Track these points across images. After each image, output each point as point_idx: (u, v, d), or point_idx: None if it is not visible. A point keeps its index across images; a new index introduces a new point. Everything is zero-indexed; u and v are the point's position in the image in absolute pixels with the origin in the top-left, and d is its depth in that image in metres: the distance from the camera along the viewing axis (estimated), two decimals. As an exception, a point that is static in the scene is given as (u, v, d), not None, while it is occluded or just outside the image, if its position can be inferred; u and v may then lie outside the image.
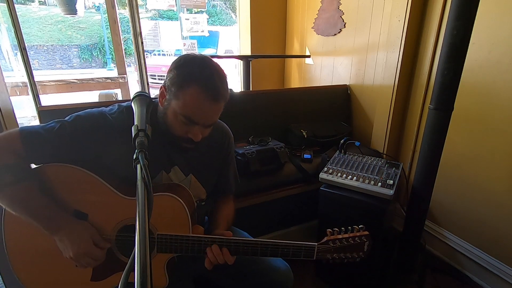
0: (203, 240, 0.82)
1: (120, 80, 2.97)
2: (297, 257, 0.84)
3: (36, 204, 0.78)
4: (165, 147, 0.88)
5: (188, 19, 3.00)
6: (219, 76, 0.81)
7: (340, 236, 0.85)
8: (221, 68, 0.83)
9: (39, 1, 10.89)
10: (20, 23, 1.65)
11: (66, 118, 0.84)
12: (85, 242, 0.78)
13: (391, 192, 1.24)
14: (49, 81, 2.80)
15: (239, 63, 2.52)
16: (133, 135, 0.57)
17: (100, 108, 0.88)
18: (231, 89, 1.75)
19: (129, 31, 2.27)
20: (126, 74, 2.97)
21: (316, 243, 0.84)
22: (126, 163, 0.83)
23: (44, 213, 0.78)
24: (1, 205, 0.79)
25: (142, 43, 2.13)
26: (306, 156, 1.71)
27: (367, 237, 0.86)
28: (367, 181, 1.32)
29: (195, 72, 0.78)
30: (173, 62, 0.83)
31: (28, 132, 0.79)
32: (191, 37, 3.08)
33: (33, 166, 0.83)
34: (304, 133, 1.83)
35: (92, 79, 3.04)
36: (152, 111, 0.90)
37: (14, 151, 0.77)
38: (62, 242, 0.78)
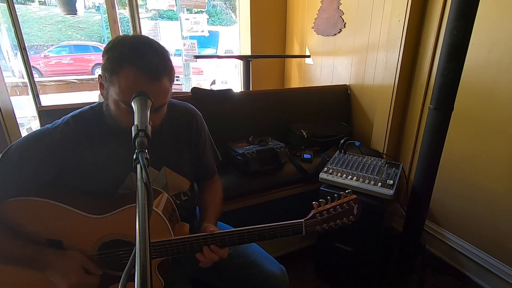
0: (187, 241, 0.80)
1: (120, 80, 2.96)
2: (286, 236, 0.83)
3: (11, 249, 0.74)
4: (124, 146, 0.71)
5: (188, 19, 3.00)
6: (156, 52, 0.73)
7: (327, 206, 0.84)
8: (159, 44, 0.75)
9: (39, 1, 10.89)
10: (20, 23, 1.65)
11: (7, 150, 0.76)
12: (75, 274, 0.75)
13: (391, 192, 1.24)
14: (49, 81, 2.81)
15: (239, 63, 2.52)
16: (133, 135, 0.56)
17: (41, 128, 0.81)
18: (231, 89, 1.77)
19: (129, 31, 2.27)
20: (126, 74, 2.96)
21: (303, 219, 0.83)
22: (87, 173, 0.81)
23: (24, 256, 0.74)
24: None
25: (142, 43, 2.12)
26: (306, 156, 1.71)
27: (356, 201, 0.85)
28: (367, 181, 1.32)
29: (126, 51, 0.70)
30: (104, 47, 0.75)
31: None
32: (191, 37, 3.08)
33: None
34: (304, 133, 1.83)
35: (92, 79, 3.04)
36: (97, 109, 0.84)
37: None
38: (53, 277, 0.76)
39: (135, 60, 0.70)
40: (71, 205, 0.78)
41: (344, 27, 2.14)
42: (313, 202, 0.85)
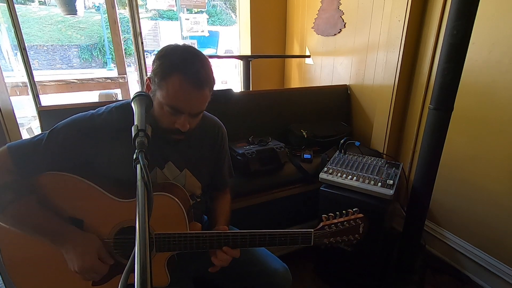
0: (201, 236, 0.82)
1: (120, 80, 2.97)
2: (295, 244, 0.85)
3: (40, 219, 0.78)
4: (157, 143, 0.85)
5: (188, 19, 3.00)
6: (202, 63, 0.80)
7: (335, 221, 0.87)
8: (204, 56, 0.83)
9: (39, 1, 10.88)
10: (20, 23, 1.65)
11: (54, 127, 0.83)
12: (90, 257, 0.78)
13: (391, 192, 1.24)
14: (49, 81, 2.81)
15: (239, 63, 2.52)
16: (133, 135, 0.57)
17: (87, 112, 0.87)
18: (231, 89, 1.77)
19: (129, 31, 2.27)
20: (126, 74, 2.97)
21: (312, 229, 0.85)
22: (119, 162, 0.85)
23: (49, 227, 0.78)
24: (6, 225, 0.78)
25: (142, 43, 2.13)
26: (306, 156, 1.71)
27: (362, 219, 0.87)
28: (367, 181, 1.32)
29: (176, 60, 0.78)
30: (156, 53, 0.82)
31: (16, 148, 0.79)
32: (191, 37, 3.09)
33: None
34: (304, 133, 1.83)
35: (92, 79, 3.04)
36: None
37: (7, 169, 0.77)
38: (68, 255, 0.78)
39: (184, 69, 0.77)
40: (100, 186, 0.81)
41: (344, 27, 2.14)
42: (323, 215, 0.88)
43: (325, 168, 1.43)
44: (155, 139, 0.62)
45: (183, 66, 0.77)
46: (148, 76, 0.83)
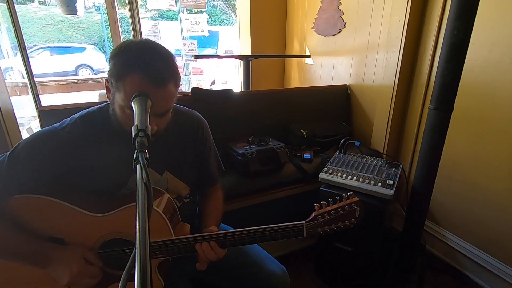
0: (187, 240, 0.79)
1: (120, 80, 2.96)
2: (287, 237, 0.82)
3: (16, 243, 0.74)
4: (128, 148, 0.68)
5: (188, 19, 3.00)
6: (162, 58, 0.73)
7: (329, 209, 0.82)
8: (165, 49, 0.76)
9: (39, 1, 10.88)
10: (20, 23, 1.65)
11: (15, 147, 0.78)
12: (76, 264, 0.75)
13: (391, 192, 1.24)
14: (49, 81, 2.81)
15: (239, 63, 2.52)
16: (133, 135, 0.57)
17: (50, 127, 0.82)
18: (230, 89, 1.77)
19: (129, 31, 2.27)
20: (126, 74, 2.97)
21: (304, 221, 0.82)
22: (92, 173, 0.81)
23: (28, 250, 0.75)
24: None
25: (142, 43, 2.13)
26: (306, 156, 1.71)
27: (358, 203, 0.83)
28: (367, 181, 1.31)
29: (132, 58, 0.71)
30: (111, 51, 0.75)
31: None
32: (191, 37, 3.08)
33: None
34: (304, 133, 1.83)
35: (92, 79, 3.04)
36: (104, 110, 0.85)
37: None
38: (55, 272, 0.76)
39: (141, 67, 0.70)
40: (74, 204, 0.78)
41: (344, 27, 2.14)
42: (315, 204, 0.84)
43: (325, 168, 1.42)
44: (127, 144, 0.58)
45: (140, 63, 0.70)
46: (106, 77, 0.77)
